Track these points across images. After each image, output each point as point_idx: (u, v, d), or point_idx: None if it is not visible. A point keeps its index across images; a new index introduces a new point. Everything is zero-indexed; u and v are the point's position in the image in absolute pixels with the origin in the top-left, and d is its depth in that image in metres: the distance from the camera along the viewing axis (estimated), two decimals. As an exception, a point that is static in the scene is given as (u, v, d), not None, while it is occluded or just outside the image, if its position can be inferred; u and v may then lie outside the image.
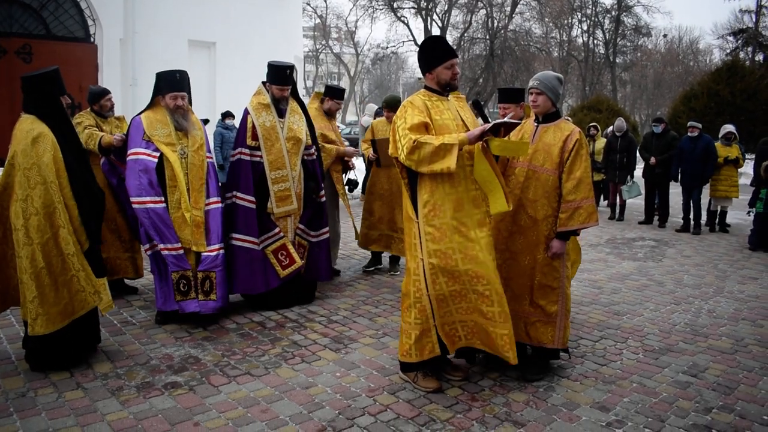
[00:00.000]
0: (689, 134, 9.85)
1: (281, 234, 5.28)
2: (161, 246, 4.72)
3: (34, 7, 10.82)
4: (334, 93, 6.41)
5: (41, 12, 10.90)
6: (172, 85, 4.85)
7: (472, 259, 3.59)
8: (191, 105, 5.08)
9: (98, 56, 11.37)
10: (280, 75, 5.27)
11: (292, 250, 5.31)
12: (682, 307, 5.76)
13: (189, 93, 4.99)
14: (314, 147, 5.61)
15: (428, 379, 3.80)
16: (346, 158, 6.34)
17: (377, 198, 6.51)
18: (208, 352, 4.34)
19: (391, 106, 6.55)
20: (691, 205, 9.96)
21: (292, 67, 5.33)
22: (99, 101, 5.60)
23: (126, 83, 11.52)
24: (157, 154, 4.77)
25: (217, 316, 5.01)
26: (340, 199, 6.40)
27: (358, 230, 6.62)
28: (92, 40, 11.38)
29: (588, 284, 6.50)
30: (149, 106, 4.96)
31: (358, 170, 6.77)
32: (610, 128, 11.73)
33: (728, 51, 35.10)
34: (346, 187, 6.55)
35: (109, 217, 5.37)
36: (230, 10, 12.91)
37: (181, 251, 4.75)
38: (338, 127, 6.62)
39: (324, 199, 5.65)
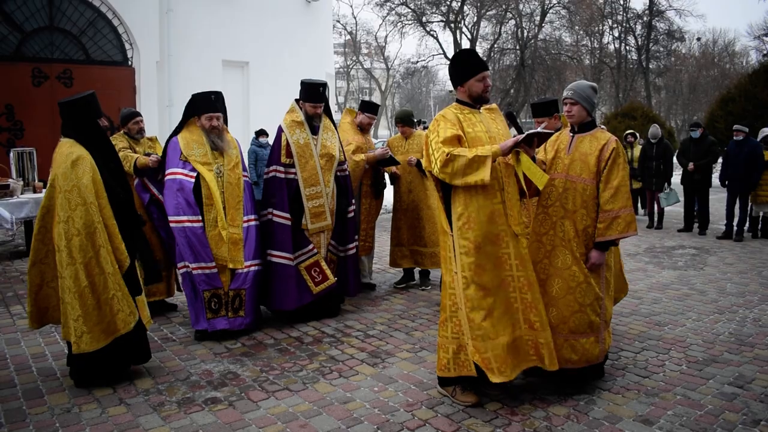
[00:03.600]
0: (735, 138, 9.66)
1: (315, 250, 5.32)
2: (193, 265, 4.81)
3: (74, 33, 11.17)
4: (367, 108, 6.46)
5: (81, 38, 11.25)
6: (207, 105, 4.96)
7: (506, 272, 3.58)
8: (226, 124, 5.18)
9: (136, 79, 11.67)
10: (313, 92, 5.33)
11: (325, 266, 5.34)
12: (726, 316, 5.62)
13: (224, 113, 5.09)
14: (346, 163, 5.66)
15: (467, 393, 3.77)
16: (383, 168, 6.37)
17: (401, 213, 6.52)
18: (247, 368, 4.38)
19: (403, 121, 6.55)
20: (738, 210, 9.74)
21: (324, 85, 5.39)
22: (127, 124, 5.68)
23: (163, 104, 11.80)
24: (194, 174, 4.87)
25: (252, 331, 5.07)
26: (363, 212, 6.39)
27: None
28: (130, 63, 11.69)
29: (628, 294, 6.35)
30: (181, 127, 5.06)
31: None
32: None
33: (765, 52, 34.33)
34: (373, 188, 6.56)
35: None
36: (262, 30, 13.14)
37: (214, 270, 4.85)
38: (372, 141, 6.64)
39: (352, 214, 5.68)
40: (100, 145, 4.05)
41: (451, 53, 36.22)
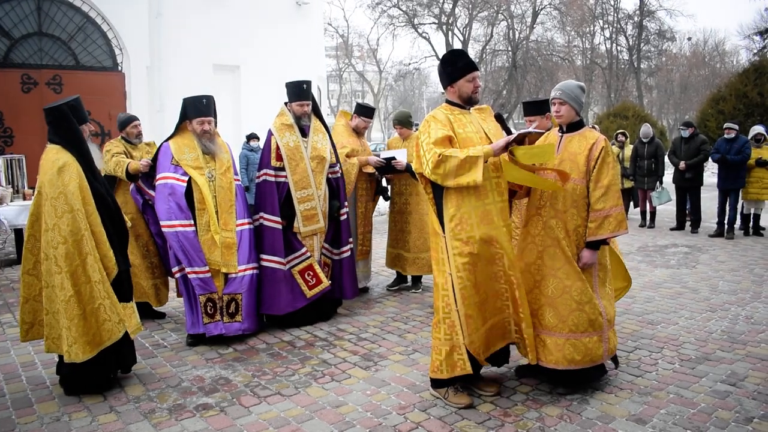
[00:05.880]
0: (726, 136, 9.71)
1: (308, 254, 5.30)
2: (188, 269, 4.79)
3: (63, 39, 11.11)
4: (363, 111, 6.39)
5: (70, 43, 11.18)
6: (198, 110, 4.94)
7: (499, 268, 3.59)
8: (217, 128, 5.15)
9: (126, 84, 11.61)
10: (297, 91, 5.33)
11: (318, 270, 5.32)
12: (719, 314, 5.63)
13: (215, 117, 5.06)
14: (338, 165, 5.64)
15: (459, 395, 3.76)
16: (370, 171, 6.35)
17: (393, 215, 6.52)
18: (239, 373, 4.35)
19: (401, 122, 6.54)
20: (728, 208, 9.78)
21: (308, 82, 5.38)
22: (125, 128, 5.68)
23: (153, 110, 11.73)
24: (186, 178, 4.85)
25: (245, 337, 5.04)
26: (360, 216, 6.37)
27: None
28: (120, 68, 11.63)
29: (620, 294, 6.37)
30: (176, 132, 5.04)
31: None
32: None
33: (755, 51, 34.46)
34: (380, 196, 6.58)
35: (142, 243, 5.47)
36: (253, 34, 13.09)
37: (208, 274, 4.82)
38: (367, 144, 6.62)
39: (345, 217, 5.65)
40: (84, 151, 3.99)
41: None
